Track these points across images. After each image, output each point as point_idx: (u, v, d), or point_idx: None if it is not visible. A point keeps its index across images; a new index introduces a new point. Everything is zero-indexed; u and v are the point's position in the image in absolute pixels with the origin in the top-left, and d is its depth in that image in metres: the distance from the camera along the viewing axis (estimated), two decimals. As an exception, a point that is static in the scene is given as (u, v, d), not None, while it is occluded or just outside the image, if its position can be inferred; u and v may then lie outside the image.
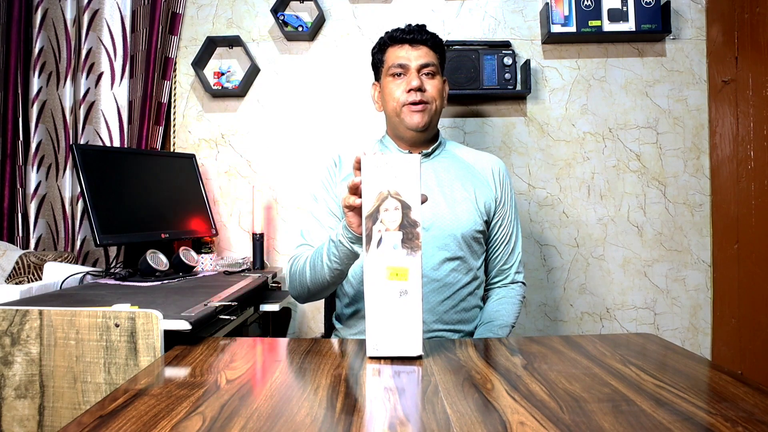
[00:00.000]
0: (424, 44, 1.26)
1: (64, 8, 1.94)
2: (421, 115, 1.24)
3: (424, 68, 1.25)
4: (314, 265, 1.12)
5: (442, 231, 1.22)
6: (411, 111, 1.24)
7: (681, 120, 1.98)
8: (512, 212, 1.34)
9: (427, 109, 1.25)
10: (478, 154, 1.36)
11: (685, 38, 1.98)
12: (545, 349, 0.94)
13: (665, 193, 1.98)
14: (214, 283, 1.47)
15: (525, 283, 1.37)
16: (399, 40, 1.27)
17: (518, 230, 1.35)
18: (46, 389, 0.97)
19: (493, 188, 1.30)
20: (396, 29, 1.28)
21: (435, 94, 1.26)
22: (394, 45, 1.28)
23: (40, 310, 0.97)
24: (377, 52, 1.32)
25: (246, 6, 2.02)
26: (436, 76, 1.27)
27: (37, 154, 1.91)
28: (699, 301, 1.97)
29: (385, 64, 1.29)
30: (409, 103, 1.24)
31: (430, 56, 1.26)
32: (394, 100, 1.26)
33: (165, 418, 0.63)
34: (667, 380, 0.76)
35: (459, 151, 1.36)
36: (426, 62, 1.25)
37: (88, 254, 1.92)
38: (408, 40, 1.25)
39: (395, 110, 1.27)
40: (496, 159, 1.36)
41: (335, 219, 1.27)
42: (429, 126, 1.27)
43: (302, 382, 0.79)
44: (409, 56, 1.25)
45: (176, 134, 2.03)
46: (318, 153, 2.00)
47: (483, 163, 1.33)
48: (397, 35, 1.27)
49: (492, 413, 0.65)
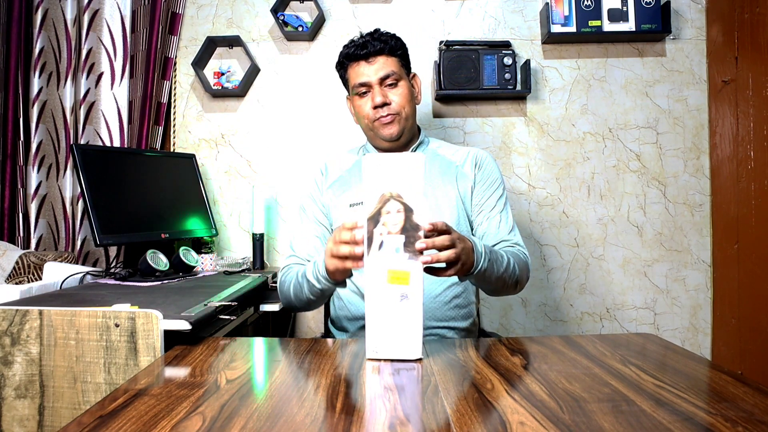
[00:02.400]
0: (379, 54, 1.25)
1: (64, 8, 1.94)
2: (391, 126, 1.26)
3: (386, 80, 1.26)
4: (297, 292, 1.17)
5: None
6: (382, 124, 1.26)
7: (681, 120, 1.98)
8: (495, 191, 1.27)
9: (396, 119, 1.26)
10: (459, 150, 1.35)
11: (685, 38, 1.98)
12: (545, 349, 0.94)
13: (665, 193, 1.98)
14: (214, 283, 1.47)
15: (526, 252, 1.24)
16: (354, 57, 1.27)
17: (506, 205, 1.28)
18: (46, 389, 0.97)
19: (471, 175, 1.28)
20: (350, 44, 1.28)
21: (402, 102, 1.26)
22: (351, 62, 1.28)
23: (40, 310, 0.97)
24: (340, 69, 1.33)
25: (246, 6, 2.02)
26: (400, 82, 1.27)
27: (37, 154, 1.91)
28: (699, 301, 1.97)
29: (349, 83, 1.31)
30: (379, 118, 1.26)
31: (389, 65, 1.26)
32: (364, 117, 1.29)
33: (165, 418, 0.63)
34: (667, 380, 0.76)
35: (441, 149, 1.36)
36: (385, 74, 1.25)
37: (88, 254, 1.92)
38: (362, 56, 1.25)
39: (368, 126, 1.30)
40: (477, 150, 1.33)
41: (322, 227, 1.31)
42: (403, 132, 1.28)
43: (302, 382, 0.79)
44: (367, 72, 1.25)
45: (176, 134, 2.03)
46: (318, 153, 2.00)
47: (463, 157, 1.32)
48: (351, 52, 1.27)
49: (492, 413, 0.65)
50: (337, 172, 1.35)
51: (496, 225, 1.25)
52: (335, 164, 1.37)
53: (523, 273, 1.18)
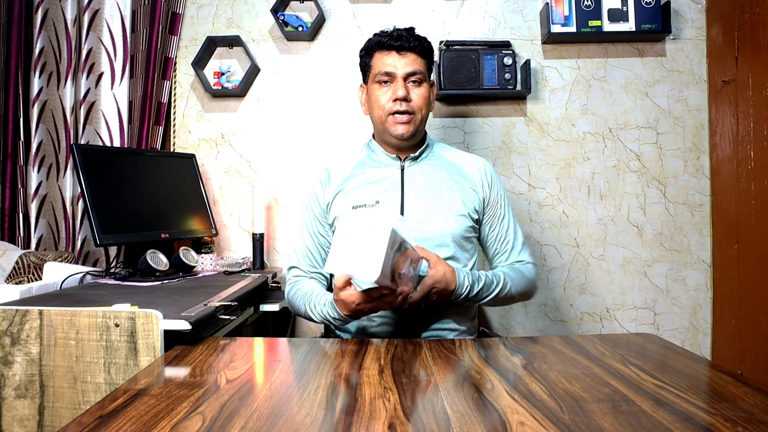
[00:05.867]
0: (411, 51, 1.24)
1: (64, 8, 1.94)
2: (406, 126, 1.25)
3: (411, 76, 1.25)
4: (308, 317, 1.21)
5: (433, 233, 1.22)
6: (396, 122, 1.25)
7: (681, 120, 1.98)
8: (505, 210, 1.33)
9: (412, 119, 1.25)
10: (465, 156, 1.36)
11: (685, 38, 1.98)
12: (545, 349, 0.94)
13: (665, 193, 1.98)
14: (214, 283, 1.47)
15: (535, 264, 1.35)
16: (386, 47, 1.25)
17: (515, 224, 1.34)
18: (46, 389, 0.97)
19: (480, 189, 1.30)
20: (384, 33, 1.27)
21: (421, 103, 1.26)
22: (381, 50, 1.26)
23: (40, 310, 0.97)
24: (365, 56, 1.32)
25: (246, 6, 2.02)
26: (423, 84, 1.26)
27: (37, 155, 1.91)
28: (699, 301, 1.97)
29: (372, 70, 1.29)
30: (395, 113, 1.25)
31: (417, 63, 1.25)
32: (379, 107, 1.27)
33: (165, 418, 0.63)
34: (667, 380, 0.76)
35: (446, 153, 1.36)
36: (413, 70, 1.24)
37: (88, 254, 1.92)
38: (395, 47, 1.24)
39: (380, 118, 1.27)
40: (484, 160, 1.36)
41: (322, 238, 1.32)
42: (415, 134, 1.28)
43: (302, 382, 0.79)
44: (396, 64, 1.24)
45: (176, 134, 2.03)
46: (318, 153, 2.00)
47: (470, 164, 1.34)
48: (384, 41, 1.25)
49: (492, 413, 0.65)
50: (340, 174, 1.33)
51: (510, 249, 1.32)
52: (337, 167, 1.35)
53: (526, 290, 1.28)
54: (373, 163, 1.32)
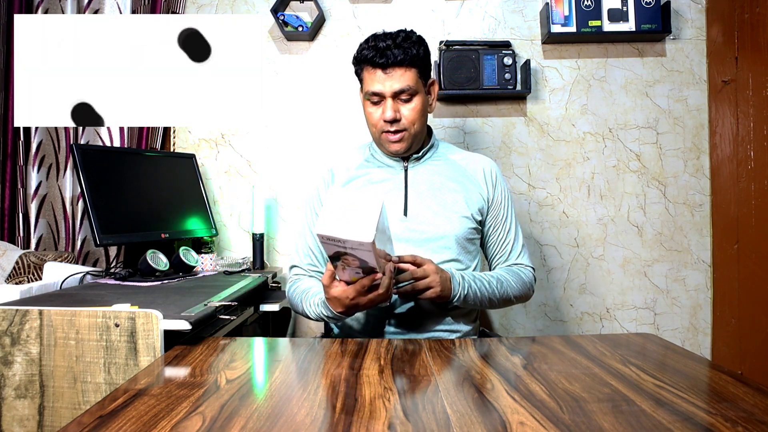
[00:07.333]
0: (398, 66, 1.18)
1: (64, 8, 1.93)
2: (399, 144, 1.24)
3: (400, 94, 1.20)
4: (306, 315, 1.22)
5: (436, 234, 1.22)
6: (389, 140, 1.24)
7: (681, 120, 1.98)
8: (508, 211, 1.33)
9: (404, 136, 1.23)
10: (469, 156, 1.35)
11: (685, 38, 1.98)
12: (545, 349, 0.94)
13: (665, 193, 1.98)
14: (214, 283, 1.47)
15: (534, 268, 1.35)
16: (372, 63, 1.20)
17: (517, 226, 1.34)
18: (46, 389, 0.97)
19: (485, 189, 1.30)
20: (370, 46, 1.20)
21: (413, 117, 1.22)
22: (368, 67, 1.21)
23: (40, 310, 0.97)
24: (356, 66, 1.27)
25: (246, 6, 2.02)
26: (414, 97, 1.21)
27: (37, 154, 1.91)
28: (699, 301, 1.97)
29: (362, 85, 1.25)
30: (386, 132, 1.23)
31: (406, 78, 1.19)
32: (372, 125, 1.26)
33: (165, 418, 0.63)
34: (667, 380, 0.76)
35: (451, 153, 1.35)
36: (401, 88, 1.19)
37: (88, 254, 1.92)
38: (380, 64, 1.18)
39: (375, 135, 1.27)
40: (488, 160, 1.36)
41: None
42: (410, 148, 1.26)
43: (302, 382, 0.79)
44: (383, 83, 1.19)
45: (176, 134, 2.02)
46: (318, 153, 2.00)
47: (475, 164, 1.33)
48: (369, 56, 1.19)
49: (492, 413, 0.65)
50: (344, 175, 1.32)
51: (509, 252, 1.32)
52: (340, 168, 1.34)
53: (522, 293, 1.28)
54: (376, 164, 1.32)
